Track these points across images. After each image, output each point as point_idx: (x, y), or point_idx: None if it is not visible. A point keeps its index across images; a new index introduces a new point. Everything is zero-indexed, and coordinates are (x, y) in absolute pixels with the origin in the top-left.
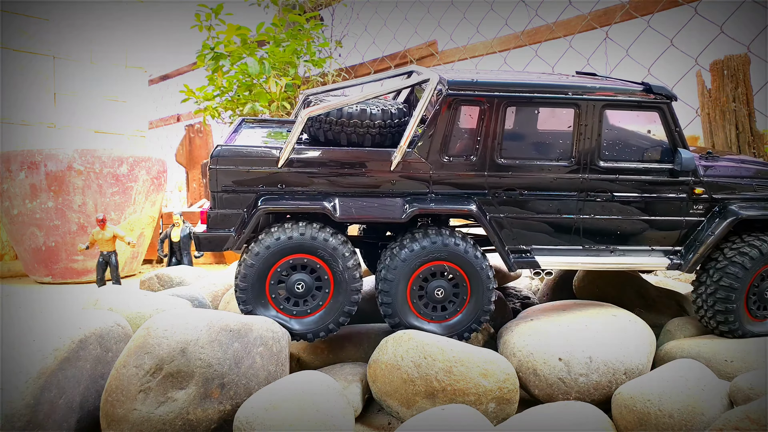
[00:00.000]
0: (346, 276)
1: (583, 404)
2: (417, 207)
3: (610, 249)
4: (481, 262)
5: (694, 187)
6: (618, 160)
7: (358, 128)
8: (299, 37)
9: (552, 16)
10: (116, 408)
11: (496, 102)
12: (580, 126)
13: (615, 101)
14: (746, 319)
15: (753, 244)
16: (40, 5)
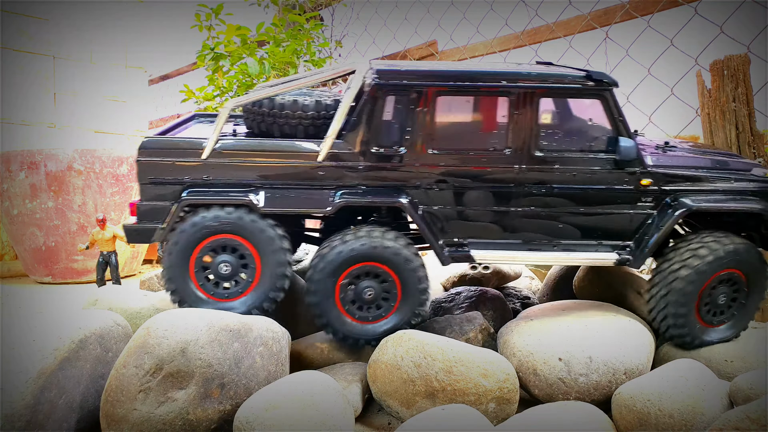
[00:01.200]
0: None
1: (583, 404)
2: (344, 199)
3: (552, 243)
4: (413, 263)
5: (640, 178)
6: (557, 150)
7: (291, 119)
8: (299, 37)
9: (552, 16)
10: (116, 408)
11: (426, 91)
12: (515, 115)
13: (552, 89)
14: (697, 325)
15: (709, 246)
16: (40, 5)
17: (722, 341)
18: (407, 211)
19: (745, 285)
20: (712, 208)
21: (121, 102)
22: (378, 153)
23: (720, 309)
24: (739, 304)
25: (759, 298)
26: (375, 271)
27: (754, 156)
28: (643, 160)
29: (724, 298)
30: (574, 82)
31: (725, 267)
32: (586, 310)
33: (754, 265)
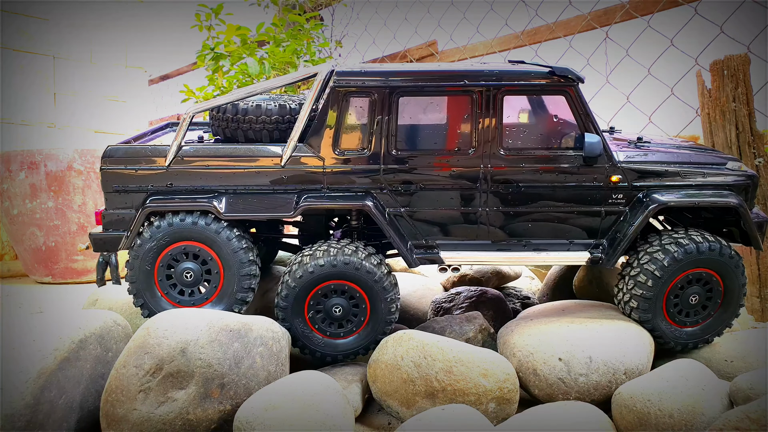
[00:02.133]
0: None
1: (583, 404)
2: (308, 203)
3: (522, 243)
4: (377, 275)
5: (610, 174)
6: (523, 149)
7: (254, 124)
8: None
9: (552, 16)
10: (116, 408)
11: (387, 92)
12: (479, 114)
13: (515, 87)
14: (668, 326)
15: (676, 244)
16: (40, 5)
17: (696, 343)
18: (372, 214)
19: (719, 285)
20: (684, 202)
21: (121, 102)
22: (341, 156)
23: (692, 310)
24: (714, 304)
25: (736, 300)
26: (343, 289)
27: (755, 156)
28: (612, 156)
29: (695, 298)
30: (537, 78)
31: (693, 266)
32: (586, 310)
33: (726, 264)
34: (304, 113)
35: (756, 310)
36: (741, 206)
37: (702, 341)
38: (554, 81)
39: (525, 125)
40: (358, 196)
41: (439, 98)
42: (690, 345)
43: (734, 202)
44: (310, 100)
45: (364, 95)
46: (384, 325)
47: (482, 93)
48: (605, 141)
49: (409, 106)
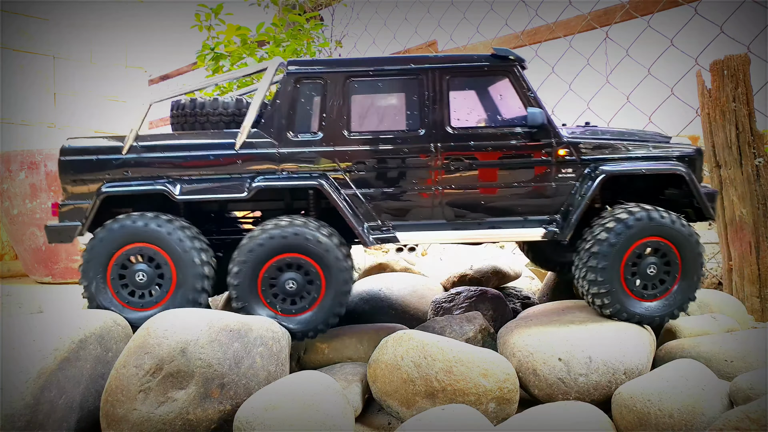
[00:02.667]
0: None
1: (582, 404)
2: (260, 183)
3: (477, 221)
4: (335, 253)
5: (557, 149)
6: (471, 127)
7: (211, 117)
8: (299, 37)
9: (552, 16)
10: (116, 408)
11: (338, 77)
12: (426, 95)
13: (459, 68)
14: (627, 298)
15: (628, 212)
16: (40, 5)
17: (659, 317)
18: (326, 195)
19: (676, 256)
20: (631, 171)
21: (121, 102)
22: (295, 139)
23: (652, 281)
24: (673, 276)
25: (693, 270)
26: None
27: (755, 156)
28: (558, 132)
29: (653, 269)
30: (480, 61)
31: (646, 235)
32: (586, 310)
33: (679, 233)
34: (257, 100)
35: (756, 310)
36: (687, 173)
37: (668, 315)
38: (496, 63)
39: (472, 105)
40: (312, 177)
41: (389, 82)
42: (656, 319)
43: (681, 170)
44: (263, 89)
45: (316, 80)
46: (338, 305)
47: (428, 75)
48: (548, 115)
49: (360, 90)
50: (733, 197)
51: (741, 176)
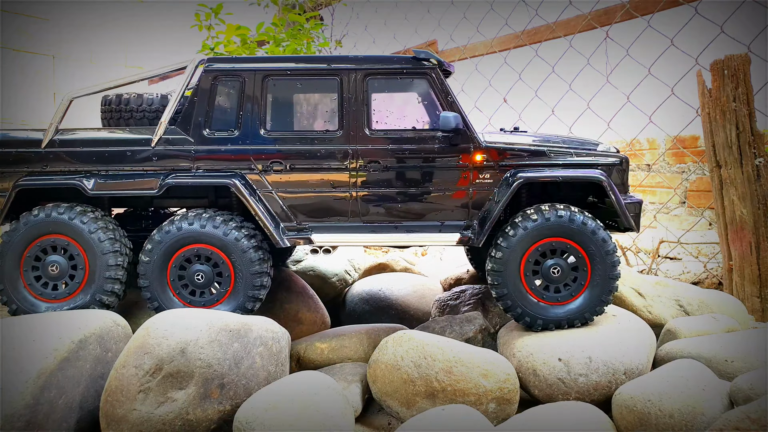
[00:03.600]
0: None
1: (583, 404)
2: (171, 181)
3: (394, 225)
4: (243, 245)
5: (474, 153)
6: (390, 130)
7: (135, 113)
8: (299, 36)
9: (552, 16)
10: (116, 408)
11: (256, 75)
12: (345, 95)
13: (378, 70)
14: (532, 301)
15: (528, 215)
16: (40, 5)
17: (571, 321)
18: (238, 193)
19: (584, 258)
20: (546, 178)
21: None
22: (212, 137)
23: (558, 284)
24: (583, 277)
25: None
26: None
27: (755, 156)
28: (476, 137)
29: (556, 271)
30: (400, 62)
31: (544, 236)
32: None
33: (581, 232)
34: (175, 98)
35: (756, 310)
36: (607, 181)
37: (578, 319)
38: (416, 65)
39: (391, 107)
40: (225, 175)
41: (308, 82)
42: (564, 323)
43: (599, 178)
44: (181, 86)
45: (235, 78)
46: (248, 298)
47: (347, 76)
48: (466, 120)
49: (278, 89)
50: (733, 197)
51: (741, 176)
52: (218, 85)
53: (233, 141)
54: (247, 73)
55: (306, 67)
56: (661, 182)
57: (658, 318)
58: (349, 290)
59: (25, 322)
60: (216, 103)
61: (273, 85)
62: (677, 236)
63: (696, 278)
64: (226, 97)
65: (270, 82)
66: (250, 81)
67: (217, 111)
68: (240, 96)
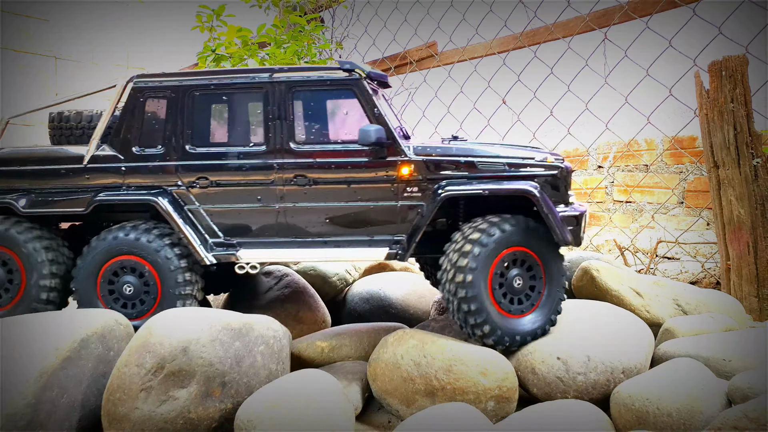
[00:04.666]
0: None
1: (581, 403)
2: (101, 199)
3: (323, 240)
4: (164, 254)
5: (401, 167)
6: (316, 143)
7: (75, 130)
8: (300, 38)
9: (551, 18)
10: (118, 407)
11: (182, 90)
12: (270, 108)
13: (303, 81)
14: (498, 316)
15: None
16: (40, 5)
17: (535, 334)
18: (161, 210)
19: (540, 267)
20: (472, 192)
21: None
22: (139, 153)
23: (520, 295)
24: (539, 287)
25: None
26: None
27: (753, 156)
28: (401, 149)
29: (519, 281)
30: (326, 73)
31: (509, 245)
32: (584, 309)
33: (541, 242)
34: (106, 116)
35: (754, 310)
36: (537, 194)
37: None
38: (342, 76)
39: (318, 120)
40: (150, 192)
41: (234, 95)
42: (528, 338)
43: (529, 190)
44: (112, 104)
45: (161, 95)
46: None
47: (274, 89)
48: (392, 132)
49: (204, 103)
50: (731, 197)
51: (739, 176)
52: (146, 102)
53: (160, 157)
54: (173, 88)
55: (231, 80)
56: (659, 182)
57: (656, 317)
58: (350, 289)
59: (27, 321)
60: (144, 119)
61: (199, 100)
62: (675, 236)
63: (694, 278)
64: (154, 114)
65: (196, 97)
66: (176, 96)
67: (145, 127)
68: (167, 112)
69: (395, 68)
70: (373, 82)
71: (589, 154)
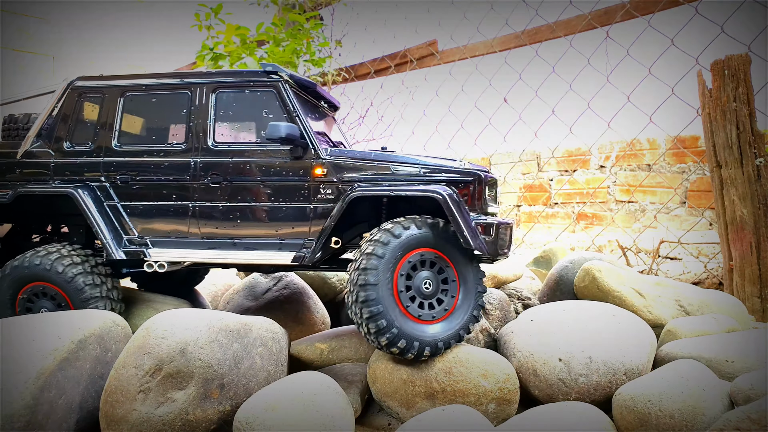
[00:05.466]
0: None
1: (583, 404)
2: (23, 190)
3: (233, 241)
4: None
5: (314, 168)
6: (233, 142)
7: (21, 131)
8: (299, 36)
9: (552, 16)
10: (116, 408)
11: (114, 91)
12: (193, 109)
13: (226, 83)
14: (405, 321)
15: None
16: (40, 5)
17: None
18: (77, 203)
19: (453, 270)
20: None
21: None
22: (69, 150)
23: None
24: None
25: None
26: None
27: (755, 156)
28: (318, 152)
29: (429, 285)
30: (248, 76)
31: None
32: (586, 310)
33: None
34: (43, 115)
35: (757, 311)
36: (446, 196)
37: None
38: (263, 78)
39: (237, 120)
40: (70, 186)
41: (162, 97)
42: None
43: (438, 195)
44: (51, 104)
45: (96, 96)
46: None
47: (196, 90)
48: (306, 133)
49: (133, 105)
50: (733, 197)
51: (742, 176)
52: (82, 102)
53: (88, 154)
54: (107, 89)
55: (159, 82)
56: (661, 182)
57: (658, 318)
58: None
59: (25, 322)
60: (78, 118)
61: (129, 101)
62: (678, 236)
63: (696, 278)
64: (88, 113)
65: (126, 98)
66: (108, 97)
67: (78, 126)
68: (99, 112)
69: (395, 66)
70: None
71: (591, 154)
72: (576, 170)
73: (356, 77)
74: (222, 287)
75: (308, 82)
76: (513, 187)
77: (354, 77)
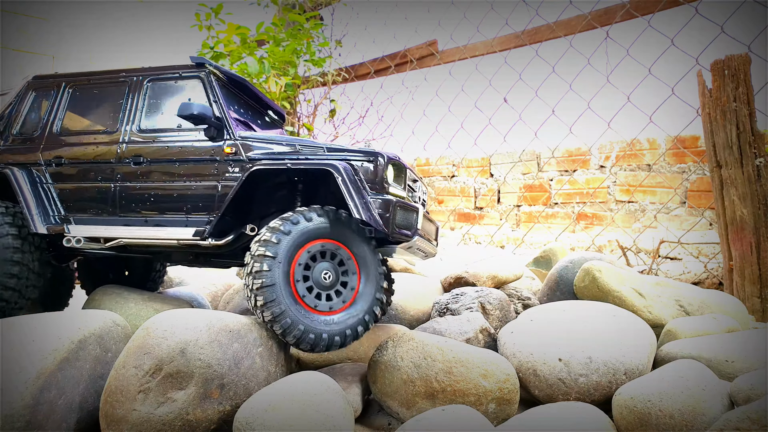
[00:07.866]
0: None
1: (583, 404)
2: None
3: (145, 218)
4: None
5: (224, 147)
6: (158, 129)
7: None
8: (299, 36)
9: (552, 16)
10: (116, 408)
11: (62, 84)
12: (126, 98)
13: (158, 75)
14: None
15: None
16: (40, 5)
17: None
18: (9, 181)
19: (354, 262)
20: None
21: None
22: (18, 137)
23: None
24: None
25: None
26: None
27: (756, 156)
28: (231, 132)
29: (328, 275)
30: (178, 68)
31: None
32: (586, 310)
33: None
34: (1, 108)
35: (757, 311)
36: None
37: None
38: (190, 68)
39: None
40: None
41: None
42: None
43: (332, 168)
44: (10, 98)
45: (47, 89)
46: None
47: (131, 81)
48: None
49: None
50: (733, 197)
51: (742, 176)
52: (34, 95)
53: (32, 140)
54: (55, 84)
55: (102, 78)
56: (661, 182)
57: (658, 318)
58: None
59: (25, 322)
60: (29, 109)
61: (73, 94)
62: (678, 236)
63: (696, 278)
64: (38, 105)
65: (71, 92)
66: (56, 90)
67: (28, 116)
68: (48, 103)
69: (395, 66)
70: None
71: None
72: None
73: (356, 77)
74: (222, 287)
75: (239, 78)
76: (513, 187)
77: (354, 77)
